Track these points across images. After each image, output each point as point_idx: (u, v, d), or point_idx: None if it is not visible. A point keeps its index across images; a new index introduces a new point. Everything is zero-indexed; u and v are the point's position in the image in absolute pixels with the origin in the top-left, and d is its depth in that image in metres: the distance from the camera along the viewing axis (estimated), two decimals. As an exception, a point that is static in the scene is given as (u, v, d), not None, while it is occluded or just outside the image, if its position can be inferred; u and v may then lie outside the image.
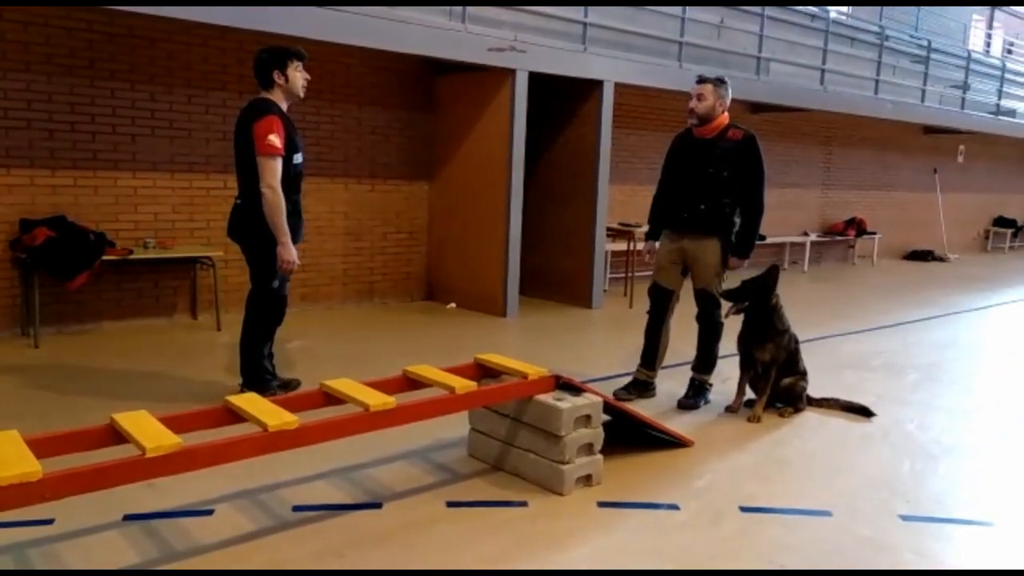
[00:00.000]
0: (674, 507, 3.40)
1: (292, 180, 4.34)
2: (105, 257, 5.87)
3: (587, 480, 3.52)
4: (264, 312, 4.51)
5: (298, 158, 4.36)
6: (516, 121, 7.34)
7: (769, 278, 4.62)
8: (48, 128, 6.00)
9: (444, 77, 7.99)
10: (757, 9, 9.94)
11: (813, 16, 11.22)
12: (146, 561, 2.81)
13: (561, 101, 8.27)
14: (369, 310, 7.71)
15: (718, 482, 3.69)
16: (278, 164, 4.19)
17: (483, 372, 3.75)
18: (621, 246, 8.99)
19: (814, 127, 12.36)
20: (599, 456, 3.55)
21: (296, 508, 3.26)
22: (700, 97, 4.60)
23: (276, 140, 4.16)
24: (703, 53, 9.36)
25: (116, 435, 2.76)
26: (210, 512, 3.19)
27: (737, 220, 4.69)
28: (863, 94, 11.81)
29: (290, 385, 4.67)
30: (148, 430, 2.66)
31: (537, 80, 7.51)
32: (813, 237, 12.38)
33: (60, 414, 4.19)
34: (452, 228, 8.10)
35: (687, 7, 8.90)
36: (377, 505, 3.34)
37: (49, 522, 3.01)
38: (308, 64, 4.48)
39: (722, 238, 4.68)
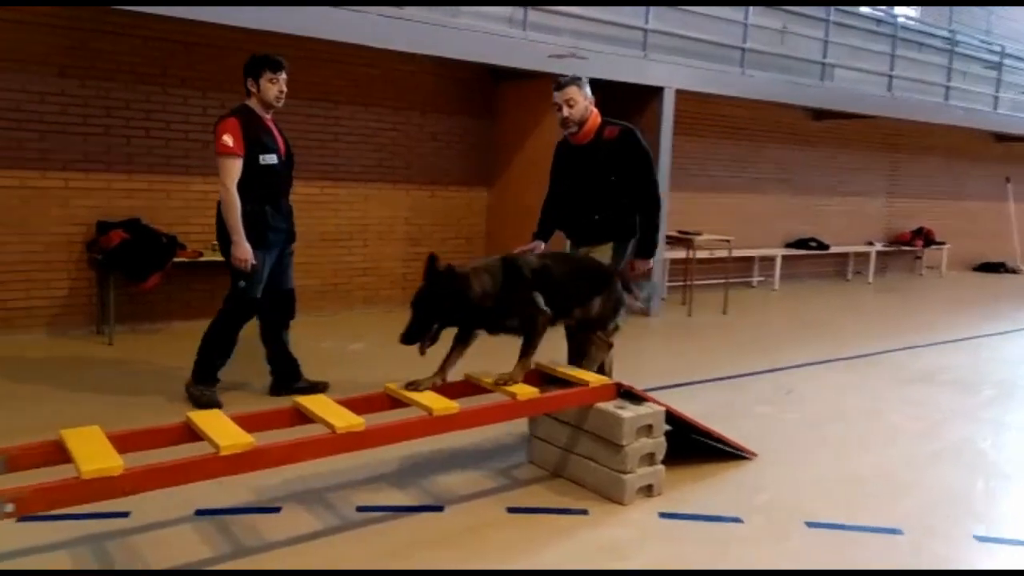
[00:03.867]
0: (737, 520, 3.35)
1: (260, 180, 4.39)
2: (176, 259, 6.08)
3: (648, 490, 3.50)
4: (230, 312, 4.54)
5: (269, 159, 4.42)
6: (575, 128, 7.33)
7: (448, 281, 3.34)
8: (125, 134, 6.24)
9: (504, 84, 8.04)
10: (822, 13, 9.76)
11: (879, 20, 10.96)
12: (217, 556, 2.89)
13: (620, 107, 8.20)
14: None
15: (782, 496, 3.63)
16: (231, 164, 4.31)
17: (543, 379, 3.75)
18: (680, 253, 8.91)
19: (880, 134, 12.06)
20: (661, 466, 3.53)
21: (360, 508, 3.31)
22: (570, 103, 4.17)
23: (229, 140, 4.30)
24: (765, 59, 9.23)
25: (191, 433, 2.85)
26: (277, 510, 3.27)
27: (635, 223, 4.32)
28: (932, 100, 11.49)
29: (317, 387, 4.71)
30: (222, 429, 2.75)
31: (596, 86, 7.48)
32: (878, 247, 12.07)
33: (134, 410, 4.33)
34: (510, 234, 8.11)
35: (750, 12, 8.79)
36: (439, 508, 3.37)
37: (125, 515, 3.12)
38: (360, 72, 4.56)
39: (618, 242, 4.29)
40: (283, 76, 4.46)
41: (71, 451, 2.52)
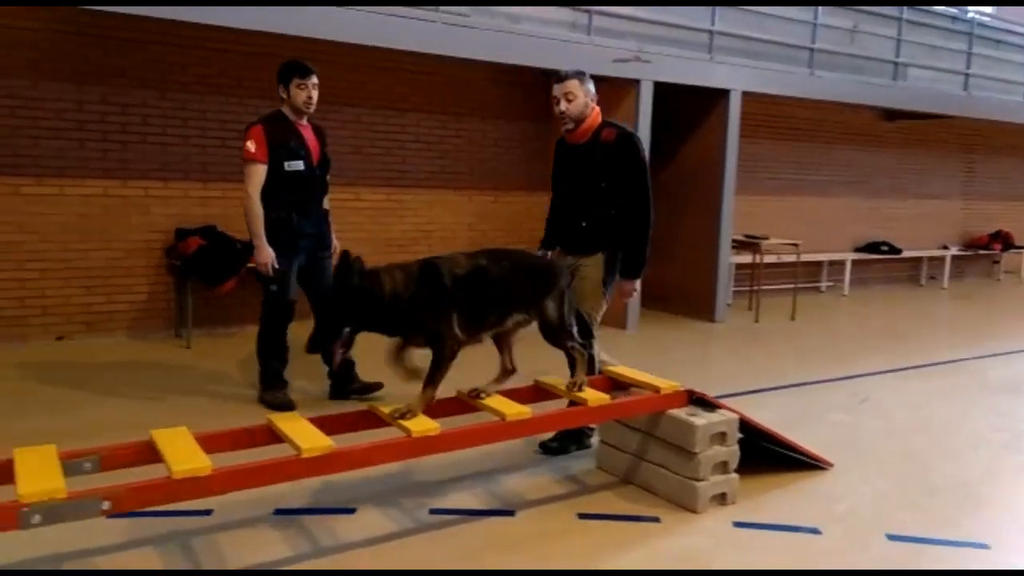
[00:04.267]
0: (815, 531, 3.27)
1: (286, 185, 4.46)
2: (249, 264, 6.23)
3: (722, 499, 3.44)
4: (267, 316, 4.62)
5: (294, 165, 4.46)
6: (639, 132, 7.28)
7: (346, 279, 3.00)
8: (201, 144, 6.45)
9: (565, 89, 8.03)
10: (894, 11, 9.48)
11: (954, 18, 10.59)
12: (297, 555, 2.96)
13: (684, 110, 8.15)
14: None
15: (861, 507, 3.53)
16: (253, 169, 4.41)
17: (613, 384, 3.74)
18: (746, 258, 8.76)
19: (955, 134, 11.65)
20: (734, 475, 3.47)
21: (433, 511, 3.34)
22: (569, 97, 3.91)
23: (251, 146, 4.40)
24: (834, 59, 9.01)
25: (272, 435, 2.93)
26: (352, 511, 3.32)
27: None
28: (1011, 99, 11.04)
29: (371, 388, 4.76)
30: (303, 432, 2.81)
31: (660, 89, 7.44)
32: (953, 251, 11.65)
33: (213, 411, 4.47)
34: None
35: (819, 12, 8.60)
36: (510, 512, 3.38)
37: (208, 513, 3.22)
38: (424, 80, 4.58)
39: (609, 252, 3.97)
40: (312, 82, 4.51)
41: (161, 451, 2.61)
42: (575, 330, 3.55)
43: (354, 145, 7.05)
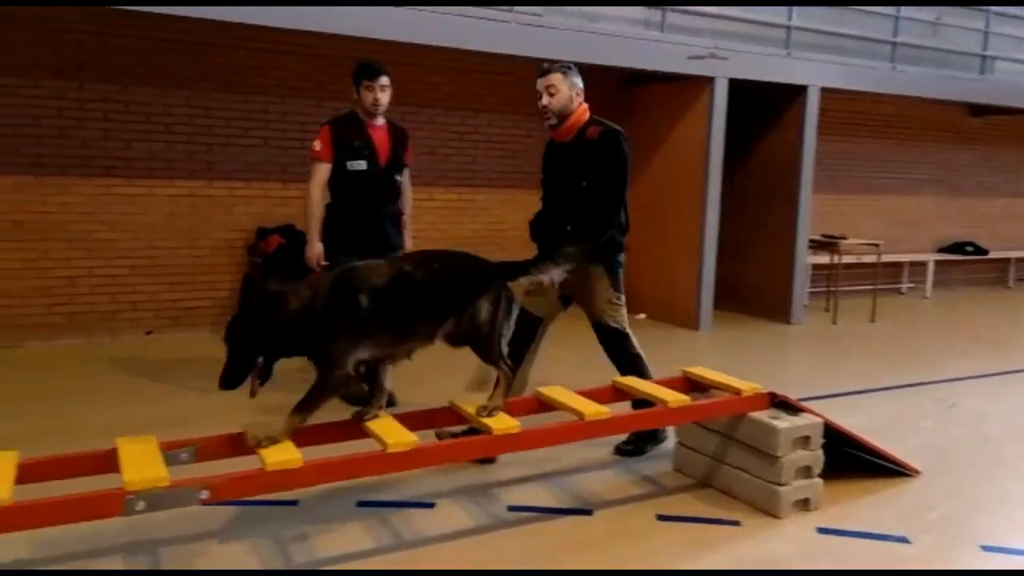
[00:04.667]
0: (904, 540, 3.17)
1: (348, 185, 4.53)
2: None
3: (805, 504, 3.37)
4: None
5: (356, 164, 4.51)
6: (714, 129, 7.20)
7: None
8: (281, 145, 6.63)
9: (639, 87, 7.98)
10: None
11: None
12: (379, 547, 3.02)
13: (760, 107, 8.00)
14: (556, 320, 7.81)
15: (953, 516, 3.41)
16: (315, 168, 4.55)
17: (691, 386, 3.70)
18: (824, 258, 8.54)
19: (1047, 130, 11.12)
20: (818, 480, 3.39)
21: (511, 508, 3.37)
22: (551, 90, 3.79)
23: (316, 145, 4.55)
24: (917, 53, 8.70)
25: (357, 430, 2.99)
26: (432, 505, 3.37)
27: (620, 238, 3.92)
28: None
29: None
30: (388, 428, 2.86)
31: (734, 86, 7.32)
32: (1048, 252, 11.12)
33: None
34: (644, 238, 8.03)
35: (901, 6, 8.32)
36: (587, 512, 3.38)
37: (294, 503, 3.31)
38: (498, 80, 4.56)
39: (606, 261, 3.85)
40: (379, 83, 4.51)
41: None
42: (504, 343, 3.13)
43: (429, 145, 7.14)
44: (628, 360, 3.92)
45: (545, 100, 3.81)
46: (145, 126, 6.18)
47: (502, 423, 2.94)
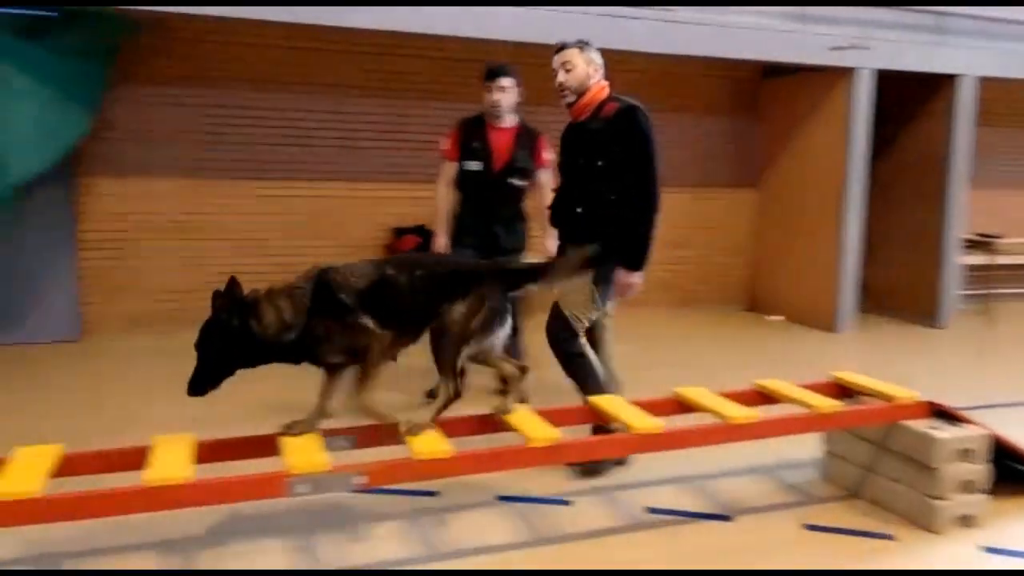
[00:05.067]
0: (1082, 565, 2.93)
1: (463, 184, 4.62)
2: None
3: (966, 521, 3.17)
4: None
5: (471, 165, 4.57)
6: (855, 123, 6.87)
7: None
8: (418, 147, 6.82)
9: (772, 81, 7.72)
10: None
11: None
12: (520, 541, 3.07)
13: (904, 98, 7.56)
14: (688, 319, 7.69)
15: None
16: (443, 166, 4.71)
17: (840, 391, 3.54)
18: (979, 259, 7.96)
19: None
20: (983, 495, 3.18)
21: (651, 510, 3.34)
22: (567, 67, 3.60)
23: (443, 144, 4.72)
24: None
25: (495, 423, 3.04)
26: (569, 503, 3.39)
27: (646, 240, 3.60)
28: None
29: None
30: (530, 422, 2.90)
31: (883, 78, 6.95)
32: None
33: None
34: (780, 237, 7.78)
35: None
36: (727, 518, 3.31)
37: (434, 494, 3.42)
38: (629, 77, 4.47)
39: (607, 244, 3.48)
40: (496, 84, 4.49)
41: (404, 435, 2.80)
42: (466, 354, 2.82)
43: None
44: (567, 358, 3.60)
45: (561, 77, 3.64)
46: (290, 131, 6.53)
47: (643, 422, 2.91)
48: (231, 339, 2.60)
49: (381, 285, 2.73)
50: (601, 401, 3.21)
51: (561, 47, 3.69)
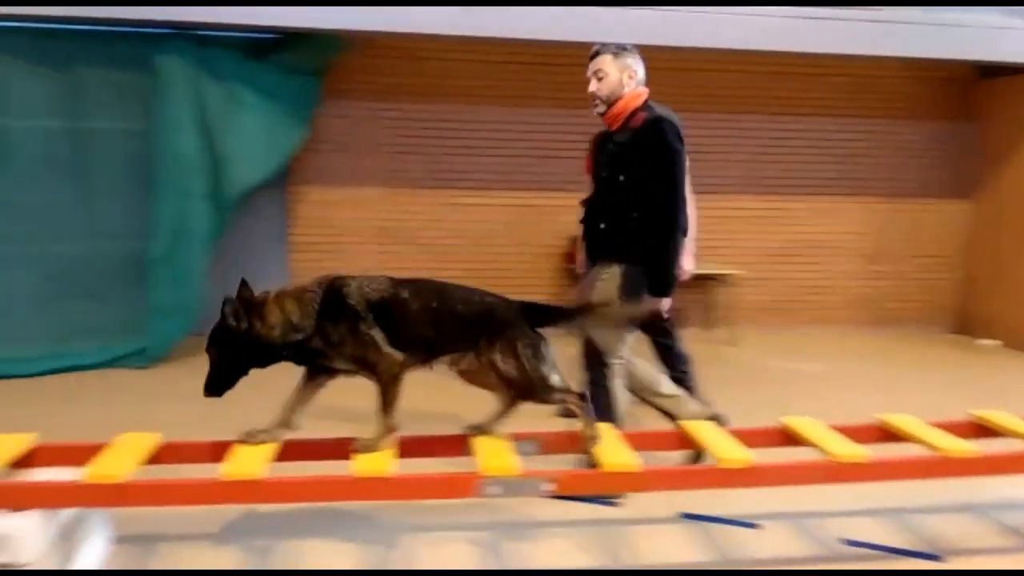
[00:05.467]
0: None
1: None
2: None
3: None
4: None
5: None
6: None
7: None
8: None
9: (990, 82, 7.04)
10: None
11: None
12: (705, 561, 3.00)
13: None
14: (887, 339, 7.18)
15: None
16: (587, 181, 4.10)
17: (981, 432, 3.16)
18: None
19: None
20: None
21: (846, 541, 3.15)
22: (599, 74, 3.43)
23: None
24: None
25: (683, 440, 2.99)
26: (755, 526, 3.27)
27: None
28: None
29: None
30: (720, 442, 2.83)
31: None
32: None
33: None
34: (999, 253, 7.08)
35: None
36: (936, 557, 3.05)
37: (615, 505, 3.41)
38: (831, 82, 4.24)
39: (630, 264, 3.39)
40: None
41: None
42: (556, 378, 2.76)
43: (746, 152, 7.00)
44: (596, 389, 3.48)
45: (593, 86, 3.51)
46: (482, 142, 6.80)
47: (847, 449, 2.75)
48: (238, 341, 2.64)
49: (391, 304, 2.71)
50: (797, 424, 3.07)
51: (595, 53, 3.55)
